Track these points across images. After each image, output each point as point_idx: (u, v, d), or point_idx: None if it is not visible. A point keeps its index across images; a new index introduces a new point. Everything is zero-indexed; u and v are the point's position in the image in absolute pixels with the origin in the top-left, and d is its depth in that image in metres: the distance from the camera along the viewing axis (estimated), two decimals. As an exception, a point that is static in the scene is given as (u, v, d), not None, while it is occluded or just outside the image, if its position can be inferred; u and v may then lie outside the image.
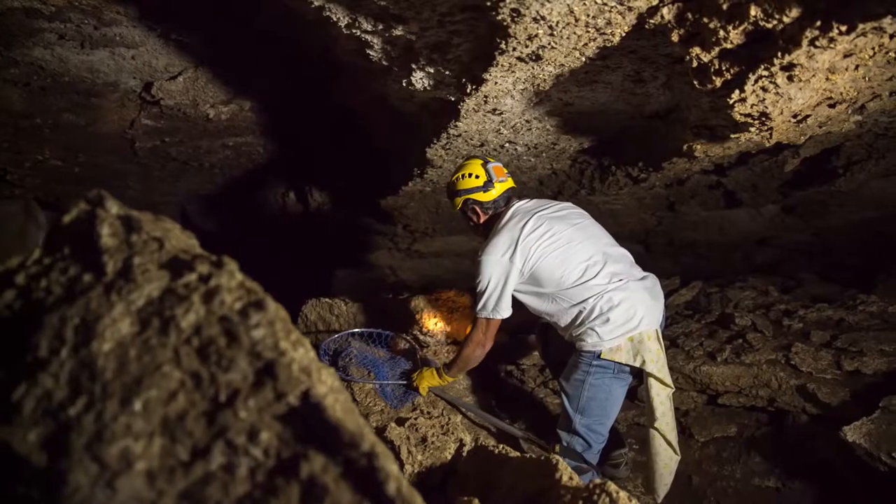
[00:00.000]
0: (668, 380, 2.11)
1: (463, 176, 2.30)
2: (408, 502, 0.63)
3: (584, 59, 1.76)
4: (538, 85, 1.99)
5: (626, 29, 1.54)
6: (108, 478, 0.63)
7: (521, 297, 2.25)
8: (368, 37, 1.84)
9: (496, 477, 1.55)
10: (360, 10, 1.71)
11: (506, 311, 2.21)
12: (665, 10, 1.44)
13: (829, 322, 2.85)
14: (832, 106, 1.69)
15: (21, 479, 0.64)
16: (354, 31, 1.82)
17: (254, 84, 3.41)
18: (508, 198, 2.34)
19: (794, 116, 1.67)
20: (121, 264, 0.76)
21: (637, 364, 2.07)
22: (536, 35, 1.51)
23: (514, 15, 1.42)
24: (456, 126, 2.29)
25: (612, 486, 1.20)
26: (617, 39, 1.60)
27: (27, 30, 2.63)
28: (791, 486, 2.44)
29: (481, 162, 2.30)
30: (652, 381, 2.09)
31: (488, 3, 1.40)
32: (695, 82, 1.58)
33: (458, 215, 2.47)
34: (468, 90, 1.92)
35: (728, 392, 2.70)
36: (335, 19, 1.77)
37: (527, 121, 2.43)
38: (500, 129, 2.47)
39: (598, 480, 1.25)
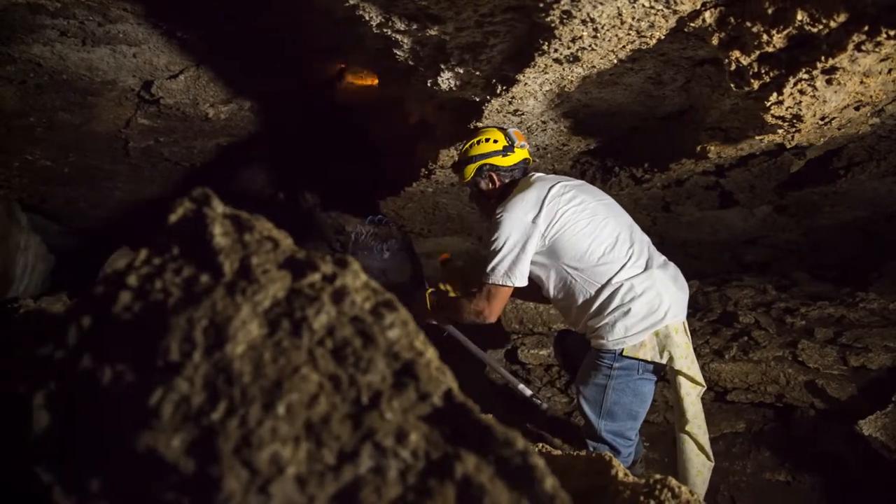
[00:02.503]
0: (700, 378, 1.93)
1: (479, 142, 2.09)
2: (563, 502, 0.63)
3: (615, 60, 1.78)
4: (564, 86, 2.01)
5: (664, 32, 1.57)
6: (260, 483, 0.62)
7: (534, 271, 1.99)
8: (399, 36, 1.83)
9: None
10: (396, 9, 1.69)
11: (520, 279, 1.93)
12: (707, 14, 1.47)
13: (831, 319, 2.92)
14: (857, 108, 1.74)
15: (170, 485, 0.62)
16: (385, 30, 1.80)
17: (255, 84, 3.37)
18: (525, 169, 2.14)
19: (823, 119, 1.71)
20: (238, 264, 0.74)
21: (664, 361, 1.87)
22: (581, 37, 1.53)
23: (565, 17, 1.43)
24: (477, 127, 2.29)
25: (673, 481, 1.21)
26: (653, 42, 1.63)
27: (28, 26, 2.55)
28: (801, 479, 2.50)
29: (499, 128, 2.13)
30: (681, 379, 1.91)
31: (541, 4, 1.40)
32: (731, 85, 1.61)
33: (465, 189, 2.22)
34: (498, 91, 1.92)
35: (736, 389, 2.75)
36: (367, 18, 1.76)
37: (543, 122, 2.45)
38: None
39: (658, 476, 1.26)
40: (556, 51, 1.61)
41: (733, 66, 1.54)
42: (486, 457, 0.65)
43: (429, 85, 2.05)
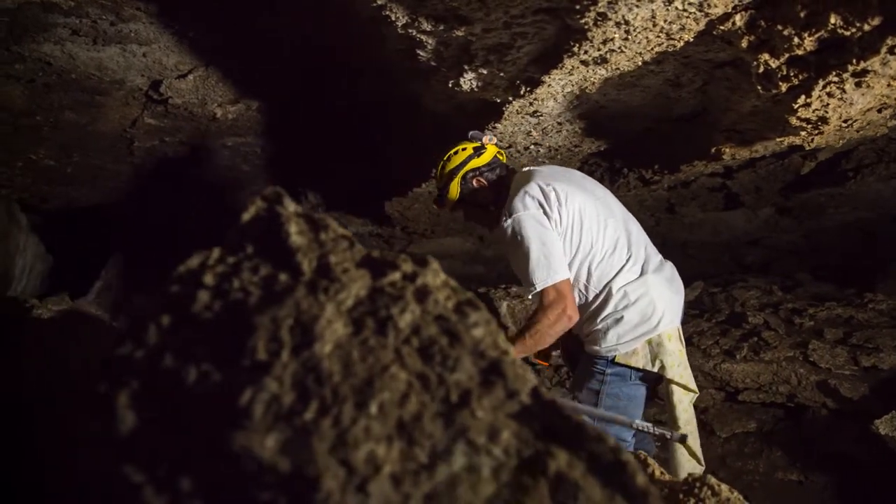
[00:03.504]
0: (692, 384, 1.90)
1: (449, 158, 2.00)
2: (655, 497, 0.63)
3: (640, 62, 1.79)
4: (585, 88, 2.02)
5: (692, 35, 1.58)
6: (358, 483, 0.61)
7: None
8: (423, 37, 1.83)
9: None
10: (424, 10, 1.70)
11: (564, 269, 1.78)
12: (737, 17, 1.48)
13: (839, 320, 2.95)
14: (880, 111, 1.76)
15: (266, 485, 0.62)
16: (411, 30, 1.80)
17: (263, 83, 3.35)
18: (505, 164, 2.03)
19: (846, 121, 1.73)
20: (316, 263, 0.74)
21: (655, 369, 1.84)
22: (612, 38, 1.53)
23: (600, 19, 1.44)
24: (494, 127, 2.30)
25: (713, 479, 1.21)
26: (680, 45, 1.64)
27: (41, 24, 2.53)
28: (814, 478, 2.52)
29: (461, 142, 2.00)
30: (673, 387, 1.88)
31: (577, 6, 1.41)
32: (758, 87, 1.63)
33: (461, 203, 2.07)
34: (521, 92, 1.92)
35: (748, 389, 2.77)
36: (393, 18, 1.76)
37: (559, 123, 2.45)
38: (531, 132, 2.49)
39: (697, 474, 1.26)
40: (585, 52, 1.62)
41: (761, 69, 1.56)
42: (578, 453, 0.65)
43: (450, 86, 2.05)
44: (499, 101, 2.09)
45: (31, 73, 2.85)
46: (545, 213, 1.80)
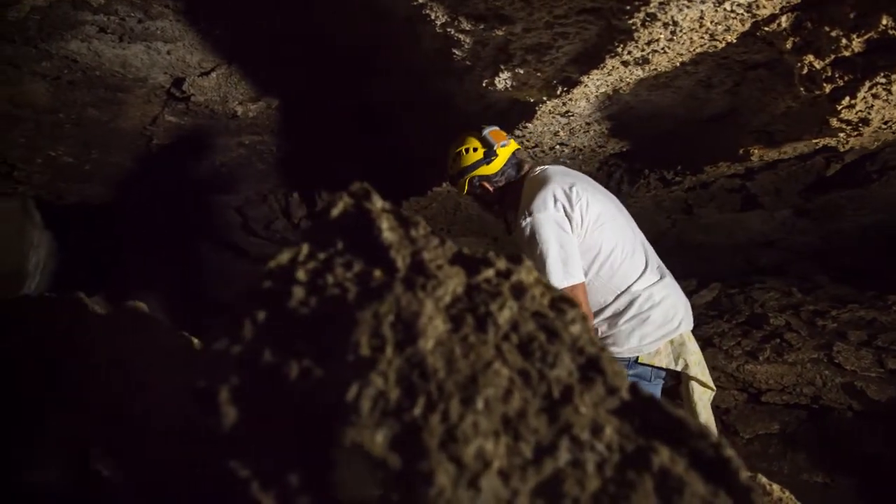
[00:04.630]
0: (711, 382, 1.94)
1: (460, 154, 2.03)
2: (758, 494, 0.63)
3: (678, 63, 1.79)
4: (619, 88, 2.02)
5: (735, 36, 1.58)
6: (469, 478, 0.62)
7: None
8: (461, 36, 1.83)
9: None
10: (464, 9, 1.70)
11: (580, 273, 1.77)
12: (783, 18, 1.48)
13: (862, 322, 2.95)
14: (918, 112, 1.77)
15: (378, 481, 0.62)
16: (449, 29, 1.81)
17: (285, 82, 3.36)
18: (520, 161, 2.04)
19: (886, 122, 1.74)
20: (409, 260, 0.74)
21: (679, 368, 1.86)
22: (657, 39, 1.54)
23: (649, 19, 1.44)
24: (525, 127, 2.30)
25: (763, 479, 1.22)
26: (721, 46, 1.64)
27: (70, 22, 2.53)
28: (840, 480, 2.52)
29: (475, 131, 2.03)
30: (694, 384, 1.91)
31: (627, 7, 1.41)
32: (801, 89, 1.63)
33: (469, 199, 2.16)
34: (558, 92, 1.93)
35: (771, 390, 2.77)
36: (433, 17, 1.76)
37: (587, 123, 2.45)
38: (559, 132, 2.49)
39: (747, 472, 1.26)
40: (628, 53, 1.62)
41: (805, 70, 1.56)
42: (679, 449, 0.65)
43: (484, 85, 2.05)
44: (532, 100, 2.09)
45: (57, 70, 2.85)
46: (566, 213, 1.80)
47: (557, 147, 2.77)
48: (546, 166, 1.98)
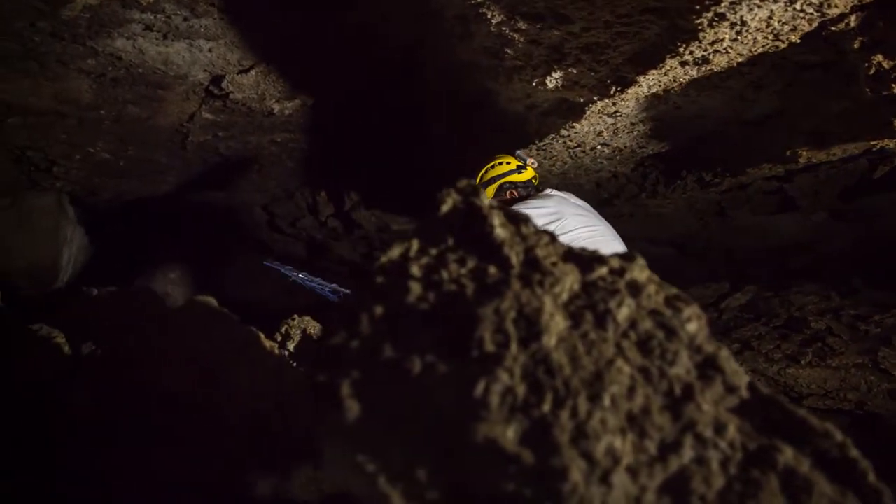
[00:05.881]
0: None
1: (493, 166, 2.38)
2: (888, 497, 0.63)
3: (735, 63, 1.78)
4: (670, 89, 2.01)
5: (799, 36, 1.57)
6: (600, 474, 0.62)
7: None
8: (515, 35, 1.84)
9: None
10: (522, 7, 1.70)
11: None
12: (853, 18, 1.46)
13: (906, 327, 2.91)
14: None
15: (509, 476, 0.63)
16: (504, 28, 1.81)
17: (322, 80, 3.37)
18: (537, 186, 2.41)
19: (947, 123, 1.72)
20: (523, 256, 0.75)
21: None
22: (722, 39, 1.53)
23: (717, 20, 1.43)
24: (572, 127, 2.29)
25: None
26: (783, 46, 1.62)
27: (118, 20, 2.57)
28: (891, 488, 2.48)
29: (506, 154, 2.39)
30: None
31: (696, 7, 1.40)
32: (866, 89, 1.61)
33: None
34: (612, 92, 1.92)
35: (813, 395, 2.74)
36: (489, 16, 1.77)
37: (632, 124, 2.44)
38: (602, 132, 2.48)
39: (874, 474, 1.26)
40: (690, 53, 1.61)
41: (873, 70, 1.54)
42: (803, 448, 0.65)
43: (534, 84, 2.05)
44: (582, 100, 2.08)
45: (102, 67, 2.89)
46: (553, 222, 2.01)
47: (599, 147, 2.76)
48: (551, 191, 2.25)
